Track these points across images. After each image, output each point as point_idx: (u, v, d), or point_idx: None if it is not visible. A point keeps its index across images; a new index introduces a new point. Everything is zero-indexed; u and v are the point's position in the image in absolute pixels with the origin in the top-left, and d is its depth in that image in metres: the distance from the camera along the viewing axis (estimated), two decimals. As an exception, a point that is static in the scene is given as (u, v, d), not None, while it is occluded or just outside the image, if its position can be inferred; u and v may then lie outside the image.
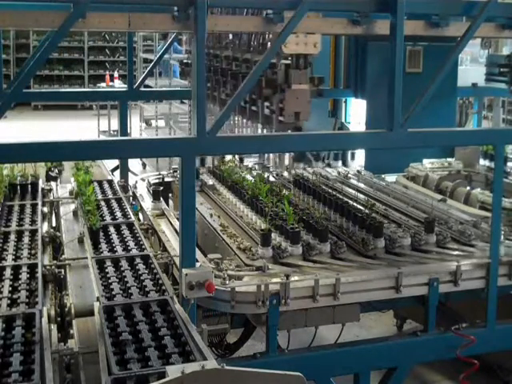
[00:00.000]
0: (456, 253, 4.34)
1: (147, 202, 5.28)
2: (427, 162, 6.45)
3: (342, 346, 4.03)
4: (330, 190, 5.30)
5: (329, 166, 6.58)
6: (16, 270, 3.71)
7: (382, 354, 4.06)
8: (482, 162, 6.38)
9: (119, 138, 6.35)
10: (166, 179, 5.91)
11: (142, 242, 4.17)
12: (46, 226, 4.60)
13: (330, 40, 7.98)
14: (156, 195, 5.24)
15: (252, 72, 3.54)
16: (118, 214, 4.75)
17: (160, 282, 3.58)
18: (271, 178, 5.89)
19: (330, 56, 8.01)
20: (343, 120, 8.19)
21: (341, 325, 4.05)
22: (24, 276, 3.63)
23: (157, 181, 5.89)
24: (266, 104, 4.16)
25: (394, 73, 3.70)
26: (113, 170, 6.90)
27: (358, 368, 3.98)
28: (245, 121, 4.96)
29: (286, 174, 6.20)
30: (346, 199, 5.02)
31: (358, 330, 4.92)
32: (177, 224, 4.43)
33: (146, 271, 3.72)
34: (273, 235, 4.20)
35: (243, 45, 4.62)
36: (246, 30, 5.51)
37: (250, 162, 6.61)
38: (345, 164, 6.79)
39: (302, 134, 4.02)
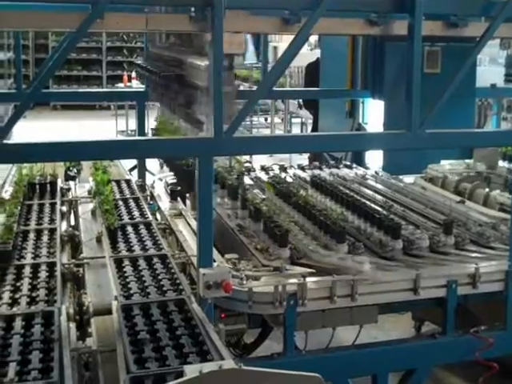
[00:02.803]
0: (475, 255, 4.31)
1: (165, 202, 5.30)
2: (446, 164, 6.41)
3: (359, 348, 4.02)
4: (347, 191, 5.29)
5: (347, 167, 6.55)
6: (35, 268, 3.74)
7: (400, 355, 4.04)
8: (501, 163, 6.32)
9: (137, 137, 6.38)
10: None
11: (159, 242, 4.19)
12: (64, 225, 4.64)
13: (347, 40, 7.97)
14: (173, 195, 5.25)
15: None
16: (136, 213, 4.77)
17: (177, 281, 3.59)
18: (288, 179, 5.88)
19: (348, 56, 8.00)
20: (360, 121, 8.17)
21: (358, 326, 4.04)
22: (43, 274, 3.66)
23: (174, 181, 5.90)
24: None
25: (412, 73, 3.68)
26: (131, 170, 6.93)
27: (376, 369, 3.96)
28: (263, 121, 4.96)
29: (303, 174, 6.19)
30: (363, 200, 5.00)
31: (375, 332, 4.90)
32: (194, 224, 4.45)
33: (164, 271, 3.74)
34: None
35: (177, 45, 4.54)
36: (264, 31, 5.53)
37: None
38: (362, 165, 6.77)
39: (319, 135, 4.03)
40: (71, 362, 2.73)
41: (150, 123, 7.08)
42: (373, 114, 7.97)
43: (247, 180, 5.78)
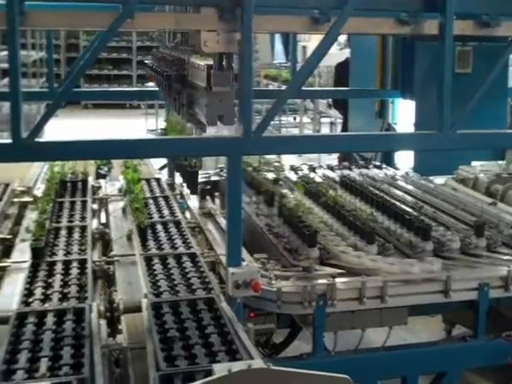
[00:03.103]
0: (507, 257, 4.25)
1: (194, 201, 5.32)
2: (477, 165, 6.33)
3: (389, 350, 3.99)
4: (377, 192, 5.26)
5: (377, 167, 6.51)
6: (66, 265, 3.79)
7: (431, 358, 4.00)
8: (534, 164, 6.23)
9: (166, 136, 6.42)
10: (213, 178, 5.95)
11: (188, 240, 4.21)
12: (95, 223, 4.69)
13: (376, 40, 7.92)
14: (203, 194, 5.27)
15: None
16: (166, 211, 4.80)
17: (206, 280, 3.61)
18: (317, 179, 5.86)
19: (378, 56, 7.94)
20: (390, 121, 8.12)
21: (388, 328, 4.01)
22: (74, 271, 3.70)
23: (204, 179, 5.92)
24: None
25: (443, 73, 3.64)
26: (160, 169, 6.97)
27: (406, 372, 3.93)
28: (292, 120, 4.94)
29: (332, 174, 6.17)
30: (393, 201, 4.96)
31: (405, 334, 4.86)
32: (223, 223, 4.46)
33: (193, 269, 3.76)
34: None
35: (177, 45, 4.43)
36: (293, 31, 5.52)
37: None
38: (391, 165, 6.73)
39: (349, 135, 4.00)
40: (102, 359, 2.76)
41: (160, 123, 7.11)
42: (403, 114, 7.91)
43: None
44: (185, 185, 5.26)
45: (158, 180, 5.71)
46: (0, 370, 2.54)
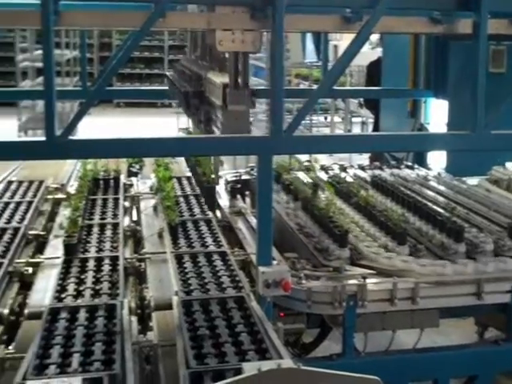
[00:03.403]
0: (541, 260, 4.18)
1: (224, 200, 5.33)
2: (511, 165, 6.23)
3: (420, 352, 3.96)
4: (408, 192, 5.21)
5: (409, 167, 6.45)
6: (99, 261, 3.83)
7: (462, 361, 3.96)
8: None
9: (197, 135, 6.44)
10: (244, 177, 5.95)
11: (219, 239, 4.22)
12: (127, 220, 4.73)
13: (409, 39, 7.84)
14: (233, 193, 5.28)
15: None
16: (196, 210, 4.83)
17: (237, 278, 3.61)
18: (348, 179, 5.83)
19: (410, 55, 7.86)
20: (422, 121, 8.03)
21: (419, 329, 3.97)
22: (106, 268, 3.74)
23: (234, 178, 5.93)
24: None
25: (477, 73, 3.59)
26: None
27: (437, 374, 3.89)
28: (323, 120, 4.91)
29: (363, 174, 6.13)
30: (425, 202, 4.91)
31: (436, 336, 4.81)
32: (253, 222, 4.46)
33: (223, 267, 3.77)
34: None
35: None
36: (324, 30, 5.48)
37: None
38: (423, 166, 6.66)
39: (380, 135, 3.97)
40: (133, 356, 2.79)
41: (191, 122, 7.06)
42: (435, 114, 7.82)
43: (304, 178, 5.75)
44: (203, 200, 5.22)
45: (188, 178, 5.74)
46: (33, 365, 2.57)
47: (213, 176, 5.35)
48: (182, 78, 4.88)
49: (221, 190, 5.65)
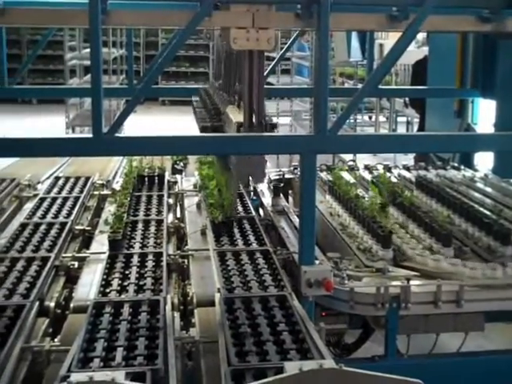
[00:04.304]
0: None
1: (267, 198, 5.34)
2: (562, 168, 6.07)
3: (464, 356, 3.89)
4: (454, 193, 5.12)
5: (455, 168, 6.34)
6: (143, 257, 3.87)
7: (507, 367, 3.87)
8: None
9: (241, 133, 6.46)
10: (287, 176, 5.95)
11: (261, 237, 4.22)
12: (171, 217, 4.77)
13: (456, 38, 7.71)
14: (276, 191, 5.28)
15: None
16: (239, 208, 4.84)
17: (279, 277, 3.61)
18: (393, 179, 5.77)
19: (457, 54, 7.73)
20: (469, 121, 7.89)
21: (463, 333, 3.91)
22: (150, 264, 3.77)
23: (277, 177, 5.93)
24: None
25: (527, 73, 3.51)
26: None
27: (481, 380, 3.81)
28: (367, 119, 4.85)
29: (408, 174, 6.05)
30: (471, 203, 4.83)
31: (481, 341, 4.72)
32: (296, 221, 4.45)
33: (266, 266, 3.77)
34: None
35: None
36: (370, 28, 5.43)
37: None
38: (470, 167, 6.54)
39: (428, 135, 3.92)
40: (175, 351, 2.81)
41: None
42: (483, 115, 7.67)
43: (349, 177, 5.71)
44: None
45: (231, 177, 5.75)
46: (78, 358, 2.61)
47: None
48: (204, 107, 4.79)
49: (264, 188, 5.65)
